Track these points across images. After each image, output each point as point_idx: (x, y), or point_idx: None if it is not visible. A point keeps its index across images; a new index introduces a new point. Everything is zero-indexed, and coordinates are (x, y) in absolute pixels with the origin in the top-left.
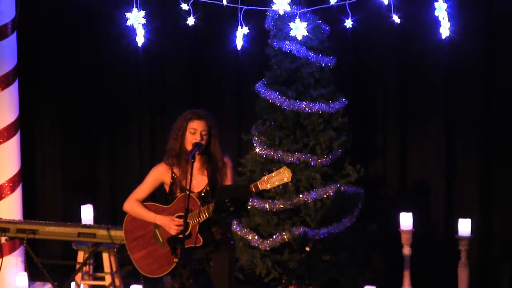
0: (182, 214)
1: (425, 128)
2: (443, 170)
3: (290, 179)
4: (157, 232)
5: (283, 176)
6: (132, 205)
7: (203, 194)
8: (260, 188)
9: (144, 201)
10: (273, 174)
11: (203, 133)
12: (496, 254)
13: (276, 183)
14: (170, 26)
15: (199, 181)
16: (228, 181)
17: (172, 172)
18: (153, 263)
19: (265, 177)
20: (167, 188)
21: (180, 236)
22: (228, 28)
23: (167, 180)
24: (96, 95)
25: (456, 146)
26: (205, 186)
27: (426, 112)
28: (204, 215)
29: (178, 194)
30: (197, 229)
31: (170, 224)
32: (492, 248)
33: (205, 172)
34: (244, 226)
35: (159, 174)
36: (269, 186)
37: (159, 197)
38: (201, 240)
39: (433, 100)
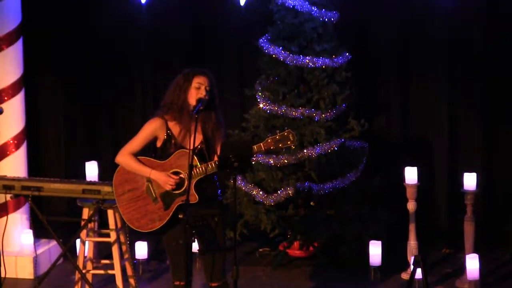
0: (178, 170)
1: (428, 82)
2: (447, 124)
3: (294, 143)
4: (150, 186)
5: (287, 140)
6: (126, 158)
7: (197, 151)
8: (264, 149)
9: (136, 155)
10: (277, 136)
11: (207, 88)
12: (502, 208)
13: (280, 145)
14: None
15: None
16: (220, 140)
17: (167, 128)
18: (142, 218)
19: (269, 139)
20: (159, 143)
21: (176, 192)
22: None
23: (161, 135)
24: (99, 52)
25: (460, 100)
26: (200, 143)
27: (429, 66)
28: (210, 170)
29: (172, 150)
30: (193, 185)
31: (167, 180)
32: (498, 201)
33: (200, 130)
34: (249, 182)
35: (154, 129)
36: (272, 148)
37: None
38: (196, 197)
39: (436, 54)
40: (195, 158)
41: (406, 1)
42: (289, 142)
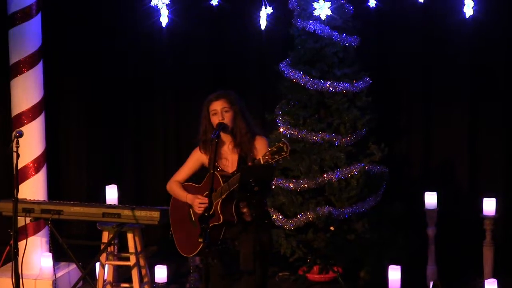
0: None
1: (449, 107)
2: (467, 149)
3: (288, 153)
4: (191, 211)
5: (282, 151)
6: (171, 186)
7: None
8: (263, 163)
9: (186, 182)
10: (274, 148)
11: (223, 111)
12: None
13: (276, 157)
14: (193, 6)
15: (232, 161)
16: (259, 155)
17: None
18: (187, 243)
19: (266, 152)
20: (207, 168)
21: (206, 214)
22: (252, 8)
23: (206, 161)
24: (121, 77)
25: (481, 125)
26: (236, 166)
27: (450, 91)
28: (224, 192)
29: None
30: (218, 207)
31: (194, 202)
32: None
33: (237, 152)
34: (269, 206)
35: (199, 156)
36: (269, 160)
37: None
38: (221, 218)
39: (457, 80)
40: (220, 179)
41: (427, 26)
42: (283, 153)
